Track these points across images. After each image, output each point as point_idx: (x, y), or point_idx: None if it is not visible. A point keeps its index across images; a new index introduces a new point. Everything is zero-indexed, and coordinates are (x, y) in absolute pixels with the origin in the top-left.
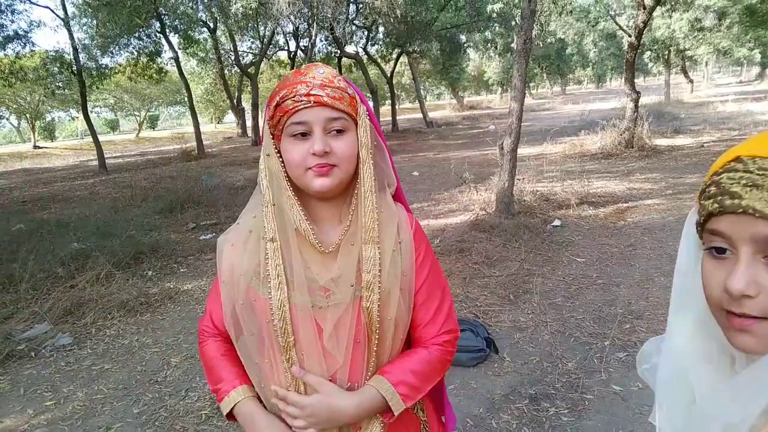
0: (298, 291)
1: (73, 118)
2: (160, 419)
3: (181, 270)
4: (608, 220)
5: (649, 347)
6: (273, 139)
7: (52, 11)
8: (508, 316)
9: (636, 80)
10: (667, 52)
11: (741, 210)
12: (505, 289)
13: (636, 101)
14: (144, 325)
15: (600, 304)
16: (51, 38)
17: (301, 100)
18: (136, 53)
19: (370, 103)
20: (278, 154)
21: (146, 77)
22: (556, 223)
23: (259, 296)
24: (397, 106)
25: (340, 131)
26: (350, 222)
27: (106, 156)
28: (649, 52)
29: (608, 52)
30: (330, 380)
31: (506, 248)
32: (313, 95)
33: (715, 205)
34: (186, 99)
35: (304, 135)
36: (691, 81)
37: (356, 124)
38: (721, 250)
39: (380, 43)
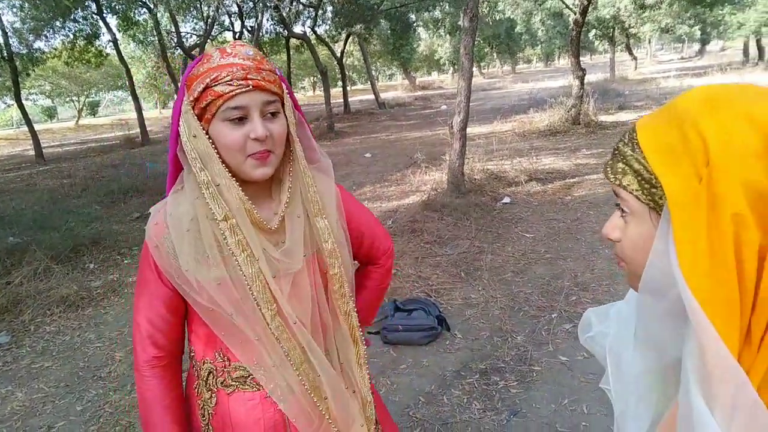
0: (259, 263)
1: (8, 106)
2: (104, 415)
3: (125, 261)
4: (556, 195)
5: (589, 316)
6: (201, 121)
7: None
8: (460, 293)
9: (582, 58)
10: (611, 30)
11: (604, 174)
12: (457, 267)
13: (582, 79)
14: (86, 320)
15: (548, 278)
16: None
17: (240, 84)
18: (72, 36)
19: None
20: (207, 136)
21: (84, 62)
22: (506, 200)
23: (194, 281)
24: (348, 88)
25: (274, 114)
26: (289, 197)
27: (43, 145)
28: (594, 30)
29: (555, 31)
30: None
31: (457, 227)
32: (252, 79)
33: None
34: (127, 83)
35: (241, 119)
36: (635, 58)
37: (283, 104)
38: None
39: (328, 23)
